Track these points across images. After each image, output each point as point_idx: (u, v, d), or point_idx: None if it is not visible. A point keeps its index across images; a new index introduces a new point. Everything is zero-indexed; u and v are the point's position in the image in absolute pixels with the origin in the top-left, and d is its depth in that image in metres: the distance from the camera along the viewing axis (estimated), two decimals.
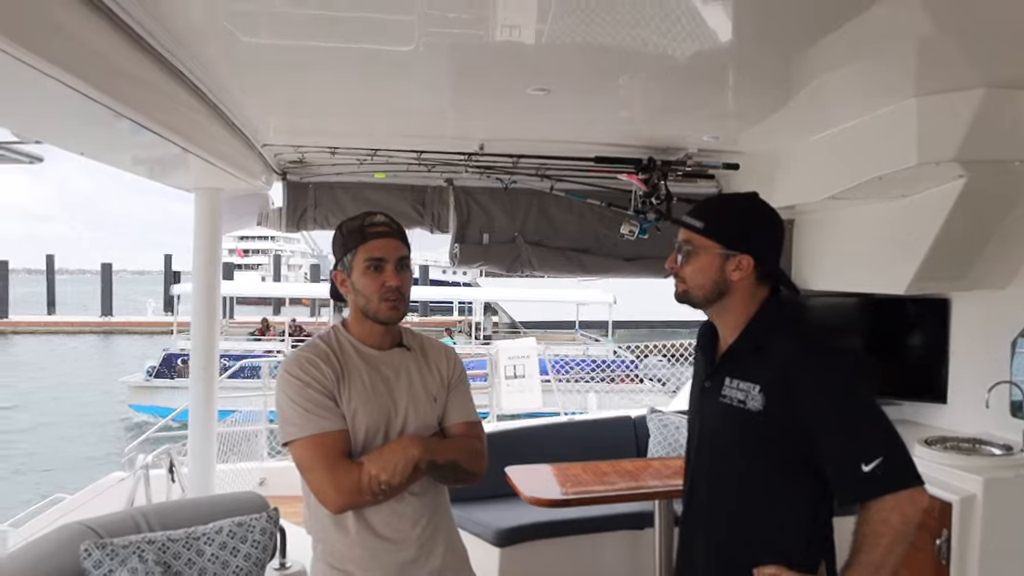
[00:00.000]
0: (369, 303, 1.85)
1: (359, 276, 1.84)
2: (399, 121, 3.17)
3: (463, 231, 4.07)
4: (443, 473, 1.87)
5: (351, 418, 1.80)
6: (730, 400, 1.67)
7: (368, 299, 1.84)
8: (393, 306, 1.85)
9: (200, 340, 3.69)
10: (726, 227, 1.70)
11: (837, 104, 2.96)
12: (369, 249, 1.83)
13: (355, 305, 1.88)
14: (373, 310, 1.85)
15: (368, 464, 1.72)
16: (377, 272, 1.84)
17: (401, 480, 1.73)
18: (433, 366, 1.97)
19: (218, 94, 2.70)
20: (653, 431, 4.26)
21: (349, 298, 1.89)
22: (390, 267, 1.85)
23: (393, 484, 1.72)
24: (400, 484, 1.74)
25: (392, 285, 1.84)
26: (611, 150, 3.53)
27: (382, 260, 1.83)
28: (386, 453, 1.74)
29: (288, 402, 1.78)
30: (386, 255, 1.84)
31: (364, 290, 1.84)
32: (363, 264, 1.83)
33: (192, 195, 3.62)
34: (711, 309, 1.75)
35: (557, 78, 2.52)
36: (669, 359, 10.09)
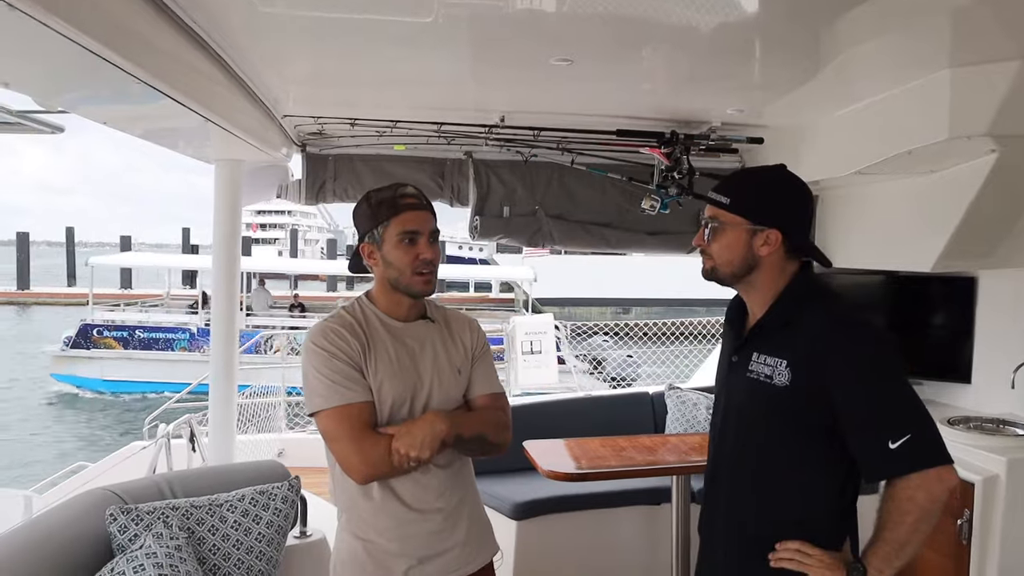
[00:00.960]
0: (402, 276, 1.83)
1: (391, 248, 1.82)
2: (419, 92, 3.14)
3: (483, 204, 4.05)
4: (469, 446, 1.87)
5: (377, 390, 1.80)
6: (757, 375, 1.65)
7: (401, 272, 1.83)
8: (427, 279, 1.84)
9: (220, 313, 3.71)
10: (753, 202, 1.67)
11: (866, 77, 2.89)
12: (403, 221, 1.81)
13: (383, 277, 1.87)
14: (406, 283, 1.83)
15: (396, 442, 1.72)
16: (411, 245, 1.82)
17: (430, 455, 1.73)
18: (457, 338, 1.96)
19: (240, 64, 2.68)
20: (671, 408, 4.25)
21: (376, 270, 1.87)
22: (423, 240, 1.83)
23: (422, 459, 1.72)
24: (428, 459, 1.74)
25: (427, 258, 1.82)
26: (633, 123, 3.48)
27: (416, 233, 1.82)
28: (414, 429, 1.74)
29: (314, 373, 1.78)
30: (420, 228, 1.82)
31: (397, 263, 1.82)
32: (396, 237, 1.81)
33: (212, 167, 3.62)
34: (740, 285, 1.72)
35: (580, 48, 2.48)
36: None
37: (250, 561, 2.13)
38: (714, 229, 1.69)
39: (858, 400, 1.54)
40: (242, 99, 2.90)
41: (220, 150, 3.43)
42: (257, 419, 6.38)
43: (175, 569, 1.90)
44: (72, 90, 2.24)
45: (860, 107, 3.18)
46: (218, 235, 3.62)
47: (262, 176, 3.86)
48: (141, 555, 1.88)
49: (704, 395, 4.22)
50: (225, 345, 3.76)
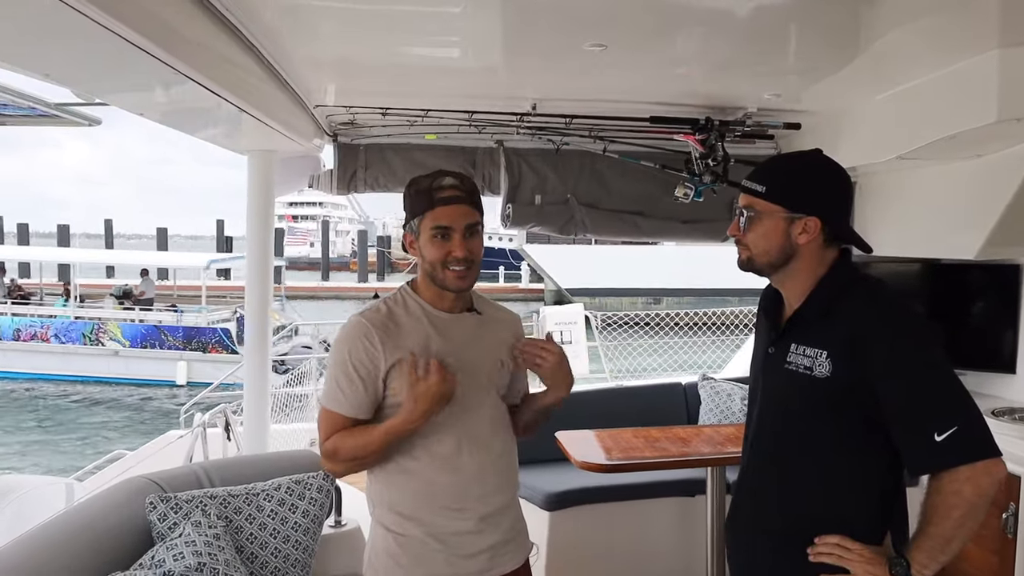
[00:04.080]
0: (435, 271, 1.82)
1: (425, 242, 1.81)
2: (451, 81, 3.12)
3: (514, 192, 4.02)
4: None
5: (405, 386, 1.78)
6: (796, 367, 1.61)
7: (433, 267, 1.81)
8: (460, 275, 1.81)
9: (254, 305, 3.73)
10: (789, 189, 1.63)
11: (908, 59, 2.81)
12: (436, 216, 1.78)
13: (423, 268, 1.86)
14: (440, 278, 1.82)
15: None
16: (444, 241, 1.79)
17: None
18: (501, 332, 1.95)
19: (274, 55, 2.68)
20: (704, 398, 4.20)
21: (418, 260, 1.86)
22: (457, 236, 1.79)
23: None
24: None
25: (458, 256, 1.79)
26: (667, 110, 3.43)
27: (448, 229, 1.78)
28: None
29: (329, 366, 1.82)
30: (453, 223, 1.78)
31: (429, 257, 1.81)
32: (429, 231, 1.80)
33: (245, 158, 3.64)
34: (777, 275, 1.68)
35: (614, 33, 2.44)
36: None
37: (287, 550, 2.15)
38: (750, 218, 1.65)
39: (902, 391, 1.50)
40: (276, 89, 2.91)
41: (253, 140, 3.45)
42: (290, 409, 6.47)
43: (213, 557, 1.92)
44: (109, 80, 2.26)
45: (901, 90, 3.09)
46: (252, 226, 3.65)
47: (294, 166, 3.88)
48: (180, 543, 1.91)
49: (738, 385, 4.17)
50: (259, 336, 3.79)
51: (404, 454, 1.82)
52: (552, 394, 1.96)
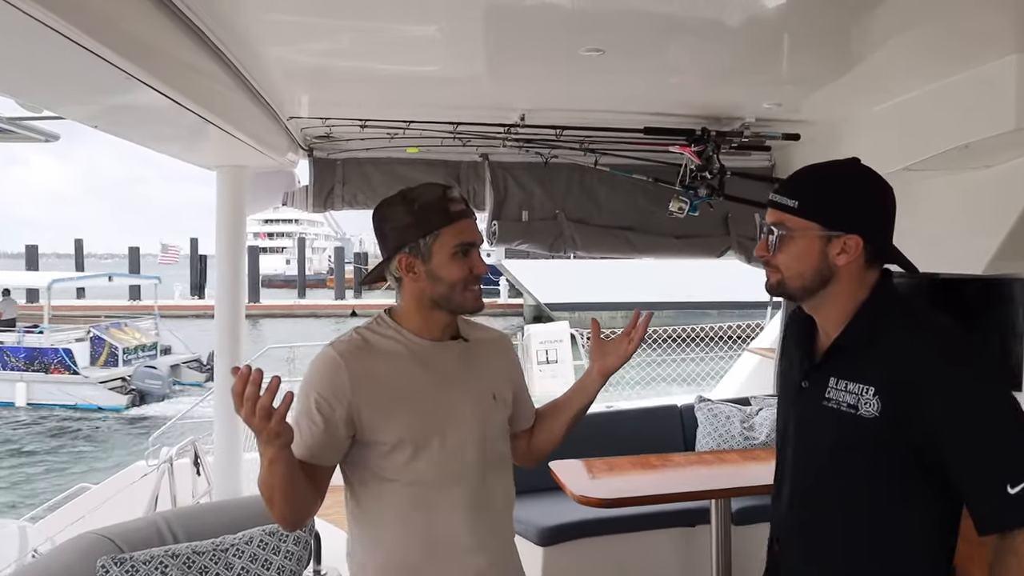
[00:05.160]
0: (453, 292, 1.62)
1: (444, 261, 1.61)
2: (435, 91, 2.93)
3: (500, 208, 3.83)
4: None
5: (382, 425, 1.59)
6: (837, 404, 1.42)
7: (452, 287, 1.62)
8: (478, 295, 1.65)
9: (225, 327, 3.49)
10: (826, 203, 1.44)
11: (916, 65, 2.67)
12: (458, 232, 1.62)
13: (420, 293, 1.64)
14: (458, 301, 1.63)
15: None
16: (466, 258, 1.62)
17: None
18: (493, 359, 1.77)
19: (243, 62, 2.47)
20: (702, 421, 4.02)
21: (413, 286, 1.64)
22: (475, 252, 1.64)
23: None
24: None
25: (480, 272, 1.64)
26: (661, 120, 3.26)
27: (472, 245, 1.63)
28: None
29: (295, 400, 1.58)
30: (476, 238, 1.65)
31: (448, 277, 1.61)
32: (451, 249, 1.61)
33: (214, 174, 3.41)
34: (812, 300, 1.49)
35: (614, 36, 2.26)
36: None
37: None
38: (781, 237, 1.46)
39: (966, 435, 1.31)
40: (246, 100, 2.69)
41: (221, 155, 3.22)
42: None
43: None
44: (56, 89, 2.03)
45: (908, 98, 2.96)
46: (221, 245, 3.41)
47: (266, 183, 3.65)
48: None
49: (737, 407, 3.99)
50: (230, 360, 3.54)
51: (380, 501, 1.63)
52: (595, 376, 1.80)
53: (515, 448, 1.87)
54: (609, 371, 1.80)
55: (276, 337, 27.90)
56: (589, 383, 1.81)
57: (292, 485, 1.50)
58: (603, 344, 1.81)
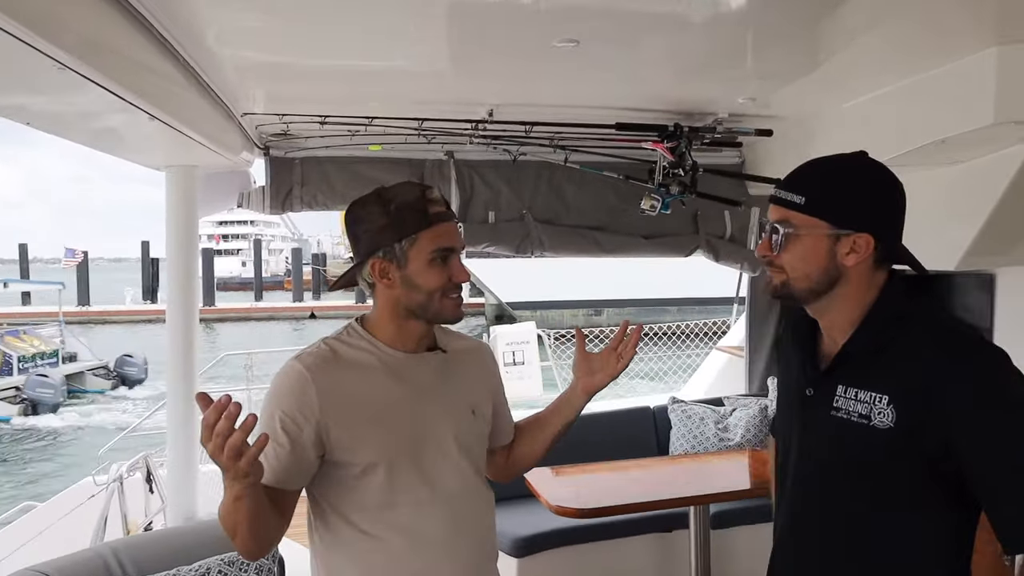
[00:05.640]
0: (430, 301, 1.49)
1: (421, 268, 1.48)
2: (398, 85, 2.78)
3: (466, 209, 3.70)
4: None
5: (353, 445, 1.47)
6: (847, 414, 1.32)
7: (430, 296, 1.49)
8: (457, 304, 1.52)
9: (177, 333, 3.29)
10: (835, 199, 1.35)
11: (893, 58, 2.62)
12: (437, 237, 1.48)
13: (395, 301, 1.51)
14: (436, 309, 1.50)
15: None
16: (445, 265, 1.49)
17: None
18: (472, 370, 1.65)
19: (192, 55, 2.31)
20: (675, 422, 3.94)
21: (387, 293, 1.51)
22: (456, 258, 1.51)
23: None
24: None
25: (461, 280, 1.50)
26: (634, 116, 3.16)
27: (451, 250, 1.50)
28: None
29: (259, 418, 1.44)
30: (456, 244, 1.52)
31: (426, 285, 1.48)
32: (428, 255, 1.47)
33: (163, 174, 3.21)
34: (818, 303, 1.39)
35: (589, 26, 2.15)
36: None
37: None
38: (787, 236, 1.36)
39: (990, 448, 1.23)
40: (195, 95, 2.52)
41: (170, 154, 3.03)
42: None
43: None
44: None
45: (882, 93, 2.91)
46: (172, 249, 3.21)
47: (220, 183, 3.46)
48: None
49: (710, 408, 3.93)
50: (183, 369, 3.35)
51: (353, 527, 1.50)
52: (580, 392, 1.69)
53: (491, 463, 1.77)
54: (596, 390, 1.70)
55: (233, 342, 27.35)
56: (574, 399, 1.70)
57: (257, 518, 1.36)
58: (589, 359, 1.70)
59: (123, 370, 19.84)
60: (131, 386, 19.69)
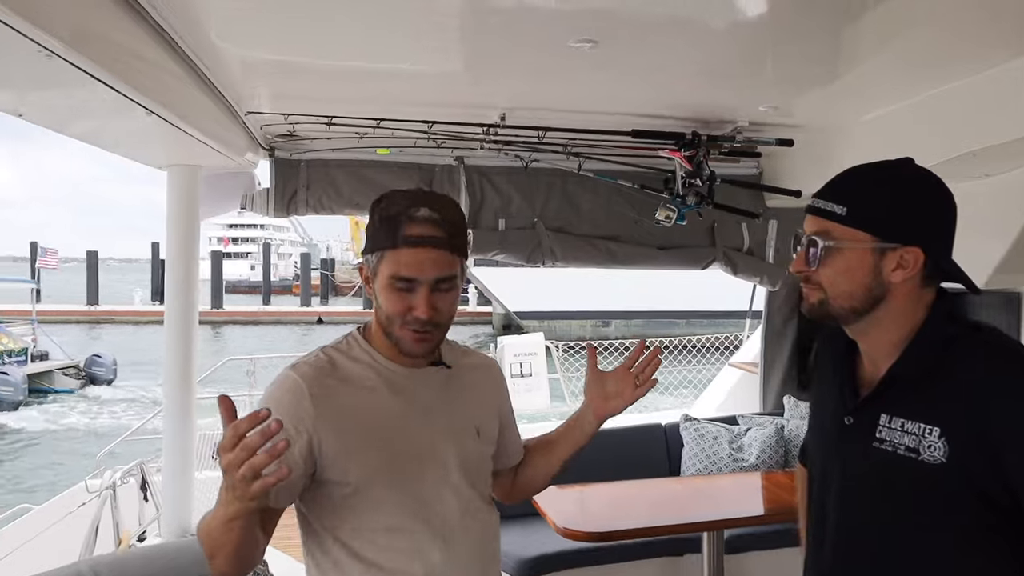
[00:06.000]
0: (391, 325, 1.38)
1: (382, 287, 1.37)
2: (408, 86, 2.69)
3: (476, 216, 3.59)
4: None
5: (346, 463, 1.36)
6: (893, 447, 1.21)
7: (390, 320, 1.38)
8: (420, 338, 1.37)
9: (175, 337, 3.20)
10: (881, 210, 1.24)
11: (920, 68, 2.52)
12: (398, 263, 1.34)
13: (377, 315, 1.42)
14: (395, 336, 1.39)
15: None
16: (405, 293, 1.35)
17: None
18: (478, 387, 1.54)
19: (195, 51, 2.22)
20: (688, 441, 3.82)
21: (373, 302, 1.43)
22: (423, 290, 1.35)
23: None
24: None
25: (419, 316, 1.35)
26: (650, 123, 3.06)
27: (412, 281, 1.34)
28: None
29: None
30: (419, 274, 1.34)
31: (385, 307, 1.37)
32: (387, 278, 1.35)
33: (164, 173, 3.13)
34: (859, 323, 1.27)
35: (608, 26, 2.05)
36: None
37: None
38: (826, 249, 1.25)
39: None
40: (195, 89, 2.43)
41: (172, 153, 2.95)
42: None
43: None
44: None
45: (910, 103, 2.80)
46: (172, 251, 3.12)
47: (223, 185, 3.37)
48: None
49: (724, 427, 3.80)
50: (181, 374, 3.25)
51: (349, 551, 1.39)
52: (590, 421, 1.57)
53: (497, 484, 1.66)
54: (610, 416, 1.58)
55: (239, 345, 27.34)
56: (585, 424, 1.59)
57: (245, 543, 1.26)
58: (603, 379, 1.57)
59: (91, 370, 19.94)
60: (99, 385, 19.79)
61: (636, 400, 1.56)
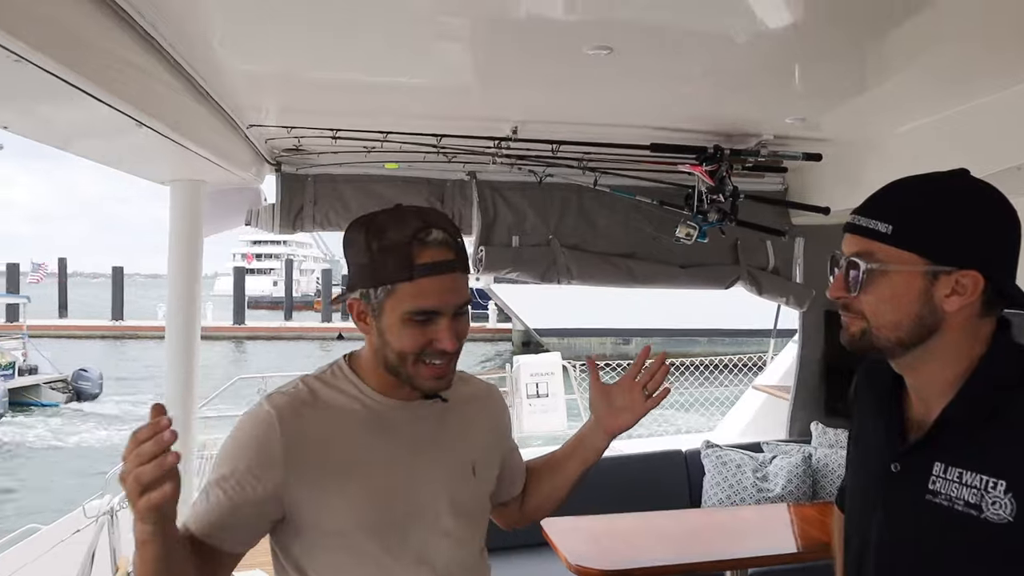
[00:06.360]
0: (403, 364, 1.23)
1: (394, 325, 1.21)
2: (417, 99, 2.58)
3: (488, 232, 3.47)
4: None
5: (320, 509, 1.22)
6: (949, 501, 1.05)
7: (401, 359, 1.23)
8: (439, 372, 1.24)
9: (176, 354, 3.09)
10: (933, 228, 1.08)
11: (959, 78, 2.36)
12: (419, 295, 1.19)
13: (375, 351, 1.27)
14: (408, 374, 1.24)
15: None
16: (425, 326, 1.20)
17: None
18: (476, 421, 1.40)
19: (194, 64, 2.13)
20: (709, 469, 3.64)
21: (367, 337, 1.28)
22: (445, 321, 1.21)
23: None
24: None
25: (445, 348, 1.21)
26: (669, 136, 2.92)
27: (436, 313, 1.20)
28: None
29: (212, 467, 1.24)
30: (442, 304, 1.20)
31: (398, 346, 1.22)
32: (402, 314, 1.20)
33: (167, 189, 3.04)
34: (908, 356, 1.12)
35: (625, 33, 1.92)
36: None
37: None
38: (870, 273, 1.10)
39: None
40: (194, 103, 2.33)
41: (174, 168, 2.85)
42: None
43: None
44: None
45: (951, 114, 2.63)
46: (173, 267, 3.02)
47: (227, 200, 3.27)
48: None
49: (748, 455, 3.62)
50: (182, 393, 3.13)
51: None
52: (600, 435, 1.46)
53: (501, 514, 1.54)
54: (620, 431, 1.45)
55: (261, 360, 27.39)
56: (595, 440, 1.46)
57: (167, 573, 1.11)
58: (608, 393, 1.44)
59: (78, 384, 20.07)
60: (84, 400, 19.90)
61: (647, 412, 1.44)
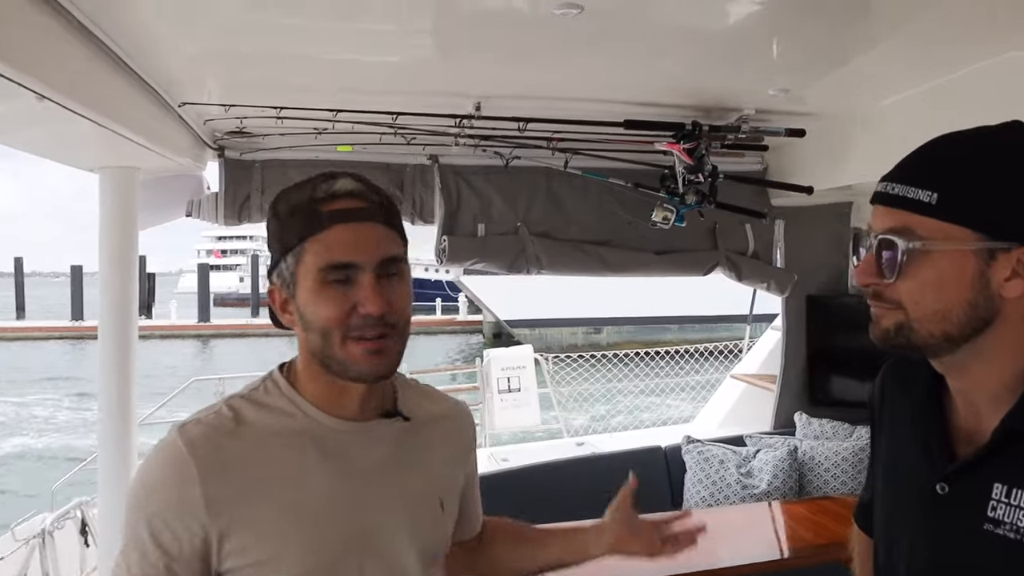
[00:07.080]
0: (328, 344, 1.00)
1: (309, 295, 1.00)
2: (367, 72, 2.34)
3: (452, 221, 3.24)
4: None
5: (259, 557, 0.99)
6: (1015, 532, 0.85)
7: (326, 336, 1.00)
8: (374, 348, 1.00)
9: (110, 356, 2.81)
10: (988, 196, 0.86)
11: (950, 44, 2.20)
12: (329, 247, 0.98)
13: (304, 343, 1.05)
14: (339, 358, 1.00)
15: None
16: (342, 287, 0.98)
17: None
18: (444, 446, 1.18)
19: (107, 28, 1.86)
20: (691, 465, 3.46)
21: (297, 332, 1.05)
22: (367, 278, 0.97)
23: None
24: None
25: (370, 311, 0.97)
26: (645, 112, 2.71)
27: (351, 267, 0.98)
28: None
29: (125, 516, 1.00)
30: (358, 255, 0.98)
31: (316, 319, 1.00)
32: (315, 274, 0.99)
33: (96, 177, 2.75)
34: (956, 354, 0.91)
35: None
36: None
37: None
38: (909, 253, 0.88)
39: None
40: (116, 77, 2.07)
41: (101, 154, 2.58)
42: None
43: None
44: None
45: (945, 82, 2.46)
46: (105, 262, 2.74)
47: (165, 189, 2.99)
48: None
49: (730, 449, 3.45)
50: (117, 398, 2.85)
51: None
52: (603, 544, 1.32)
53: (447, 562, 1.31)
54: (623, 553, 1.32)
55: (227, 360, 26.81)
56: (591, 546, 1.32)
57: None
58: (632, 518, 1.32)
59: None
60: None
61: (659, 555, 1.31)
